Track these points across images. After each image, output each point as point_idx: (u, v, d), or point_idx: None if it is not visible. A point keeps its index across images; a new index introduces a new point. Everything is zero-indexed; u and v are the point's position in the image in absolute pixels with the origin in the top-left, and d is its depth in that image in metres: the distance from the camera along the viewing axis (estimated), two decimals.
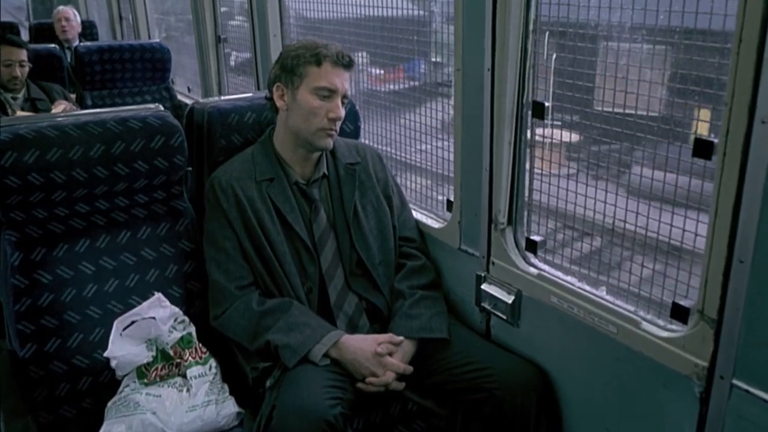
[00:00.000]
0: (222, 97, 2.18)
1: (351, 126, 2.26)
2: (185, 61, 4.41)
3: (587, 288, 1.67)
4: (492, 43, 1.71)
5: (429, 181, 2.28)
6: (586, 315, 1.62)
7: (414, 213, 2.18)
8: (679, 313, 1.46)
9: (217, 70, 3.65)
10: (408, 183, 2.35)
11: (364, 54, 2.47)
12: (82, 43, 4.14)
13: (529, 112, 1.73)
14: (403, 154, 2.39)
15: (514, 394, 1.72)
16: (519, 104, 1.73)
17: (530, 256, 1.83)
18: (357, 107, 2.30)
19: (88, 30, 5.39)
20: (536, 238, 1.81)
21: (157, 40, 4.31)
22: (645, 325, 1.50)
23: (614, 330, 1.56)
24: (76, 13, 5.12)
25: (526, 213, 1.83)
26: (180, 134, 1.96)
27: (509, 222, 1.84)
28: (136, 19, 4.82)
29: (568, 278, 1.72)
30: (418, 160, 2.32)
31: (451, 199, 2.10)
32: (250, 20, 2.97)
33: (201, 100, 2.14)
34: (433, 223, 2.15)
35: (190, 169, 2.18)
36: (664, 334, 1.46)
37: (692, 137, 1.34)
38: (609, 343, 1.58)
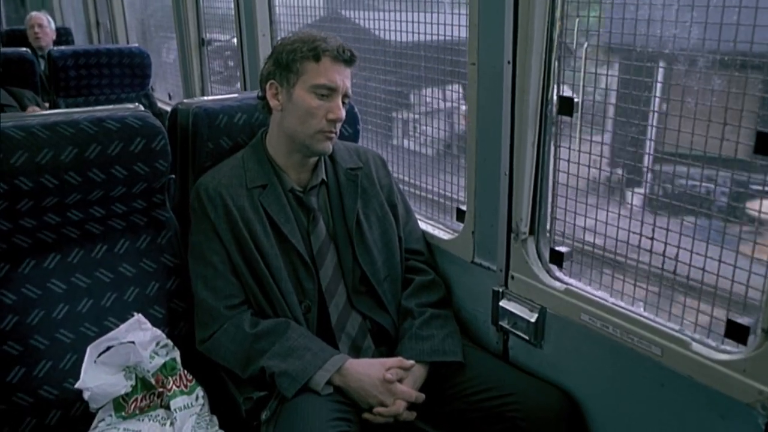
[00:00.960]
0: (209, 97, 1.98)
1: (350, 129, 2.07)
2: (166, 66, 4.21)
3: (622, 304, 1.49)
4: (513, 33, 1.54)
5: None
6: (623, 335, 1.44)
7: (420, 223, 1.99)
8: (735, 332, 1.28)
9: (200, 75, 3.46)
10: None
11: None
12: (56, 47, 3.91)
13: (555, 109, 1.55)
14: None
15: (540, 424, 1.53)
16: (543, 100, 1.55)
17: (555, 269, 1.65)
18: (356, 109, 2.11)
19: (64, 37, 5.15)
20: (562, 249, 1.64)
21: (136, 45, 4.11)
22: (695, 346, 1.32)
23: (658, 351, 1.38)
24: (50, 20, 4.88)
25: (549, 221, 1.65)
26: (162, 136, 1.76)
27: (531, 232, 1.66)
28: (113, 24, 4.61)
29: (599, 293, 1.55)
30: None
31: (462, 207, 1.92)
32: (237, 19, 2.78)
33: (186, 100, 1.94)
34: (442, 233, 1.97)
35: (173, 176, 1.98)
36: (720, 356, 1.28)
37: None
38: (652, 367, 1.40)
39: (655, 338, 1.38)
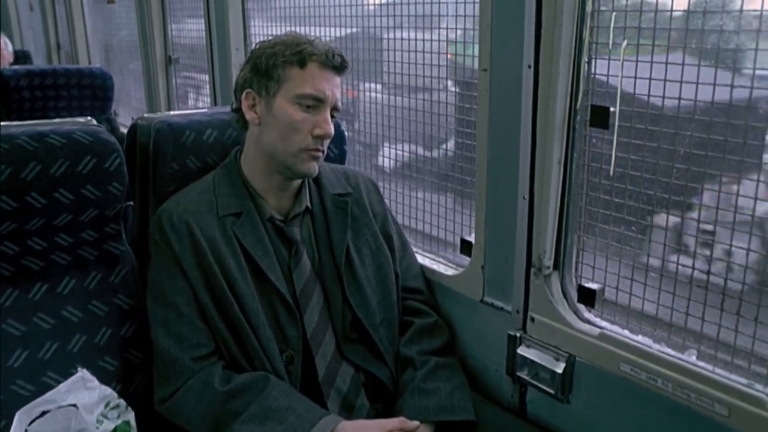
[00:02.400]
0: (174, 112, 1.71)
1: (335, 150, 1.82)
2: (130, 89, 3.93)
3: (671, 352, 1.24)
4: (536, 31, 1.31)
5: None
6: (676, 389, 1.19)
7: (417, 257, 1.74)
8: None
9: (166, 96, 3.18)
10: None
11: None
12: (8, 66, 3.60)
13: (586, 120, 1.32)
14: None
15: None
16: (571, 110, 1.32)
17: (584, 309, 1.40)
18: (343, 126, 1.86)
19: (22, 60, 4.84)
20: (593, 285, 1.39)
21: (98, 65, 3.82)
22: None
23: (724, 411, 1.13)
24: (8, 42, 4.57)
25: (576, 254, 1.41)
26: (118, 155, 1.49)
27: (555, 266, 1.41)
28: (74, 46, 4.31)
29: (640, 338, 1.30)
30: None
31: (468, 238, 1.67)
32: (207, 31, 2.53)
33: (147, 115, 1.67)
34: (444, 269, 1.71)
35: (131, 202, 1.71)
36: None
37: None
38: (715, 430, 1.15)
39: (719, 395, 1.14)
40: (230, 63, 2.45)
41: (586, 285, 1.39)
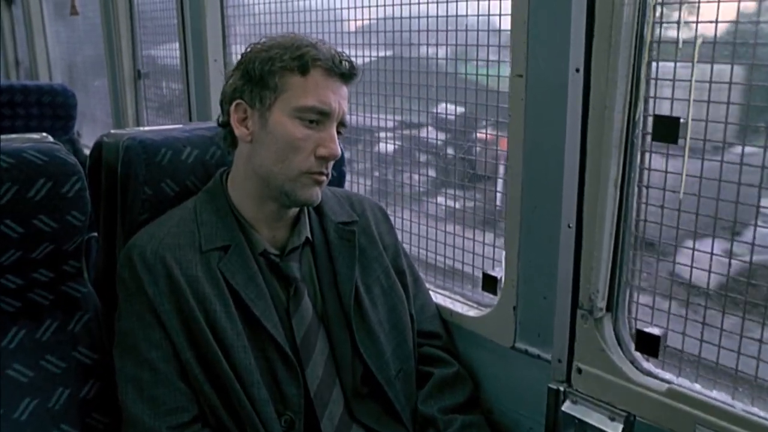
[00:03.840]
0: (148, 127, 1.46)
1: (334, 172, 1.56)
2: (96, 107, 3.64)
3: (761, 413, 1.02)
4: (587, 28, 1.09)
5: None
6: None
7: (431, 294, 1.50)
8: None
9: (135, 114, 2.91)
10: None
11: None
12: None
13: (648, 135, 1.11)
14: None
15: None
16: (629, 121, 1.11)
17: (643, 359, 1.18)
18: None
19: None
20: (655, 331, 1.16)
21: (59, 82, 3.53)
22: None
23: None
24: None
25: (635, 293, 1.19)
26: (78, 178, 1.24)
27: (608, 307, 1.19)
28: (34, 62, 4.01)
29: (716, 394, 1.08)
30: None
31: (492, 272, 1.44)
32: (182, 41, 2.28)
33: (114, 131, 1.41)
34: (464, 308, 1.47)
35: (95, 234, 1.45)
36: None
37: None
38: None
39: None
40: (207, 75, 2.21)
41: (648, 330, 1.17)
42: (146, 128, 1.45)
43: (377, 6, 1.64)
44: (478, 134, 1.49)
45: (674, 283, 1.14)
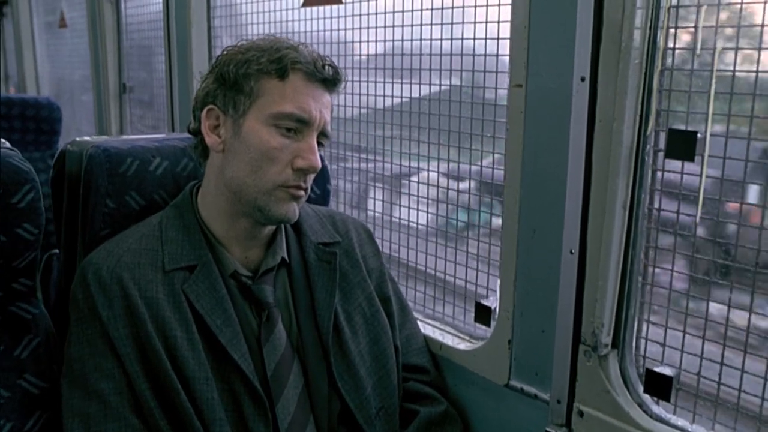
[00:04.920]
0: (116, 137, 1.34)
1: (317, 189, 1.47)
2: (82, 122, 3.53)
3: None
4: (594, 34, 0.99)
5: None
6: None
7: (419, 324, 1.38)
8: None
9: (119, 128, 2.81)
10: None
11: None
12: None
13: (660, 151, 1.00)
14: None
15: None
16: (639, 136, 1.00)
17: (653, 403, 1.05)
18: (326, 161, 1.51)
19: None
20: (665, 371, 1.04)
21: (46, 96, 3.43)
22: None
23: None
24: None
25: (643, 328, 1.07)
26: (32, 186, 1.12)
27: (614, 344, 1.07)
28: (22, 77, 3.92)
29: None
30: None
31: (486, 302, 1.32)
32: (167, 52, 2.18)
33: (79, 139, 1.30)
34: (454, 341, 1.35)
35: (56, 251, 1.34)
36: None
37: None
38: None
39: None
40: (191, 88, 2.11)
41: (657, 370, 1.04)
42: (114, 137, 1.34)
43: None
44: None
45: (688, 316, 1.01)
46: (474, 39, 1.30)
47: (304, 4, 1.68)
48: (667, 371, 1.04)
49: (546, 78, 1.07)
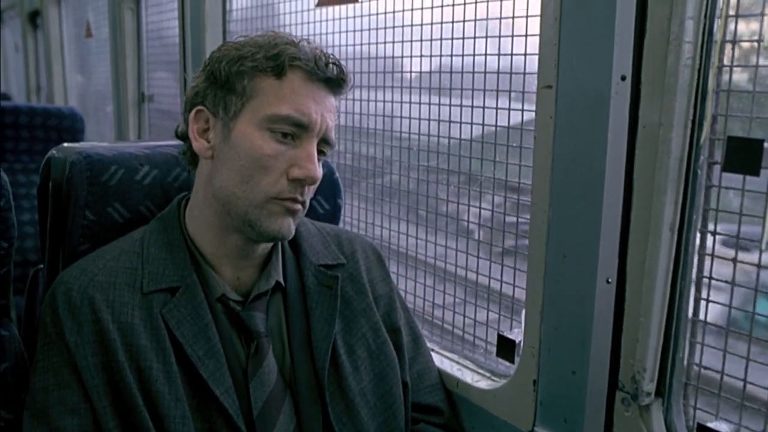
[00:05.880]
0: (103, 143, 1.23)
1: (326, 204, 1.33)
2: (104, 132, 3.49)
3: None
4: (637, 27, 0.84)
5: None
6: None
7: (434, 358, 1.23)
8: None
9: (137, 136, 2.74)
10: None
11: None
12: None
13: (716, 164, 0.84)
14: None
15: None
16: (691, 145, 0.84)
17: None
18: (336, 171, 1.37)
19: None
20: (720, 427, 0.87)
21: (70, 105, 3.39)
22: None
23: None
24: None
25: (694, 374, 0.90)
26: (2, 196, 1.01)
27: (659, 392, 0.90)
28: (51, 87, 3.91)
29: None
30: None
31: (510, 335, 1.17)
32: (182, 58, 2.09)
33: (67, 145, 1.20)
34: (473, 378, 1.19)
35: (41, 266, 1.24)
36: None
37: None
38: None
39: None
40: None
41: (710, 425, 0.87)
42: (104, 144, 1.23)
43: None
44: None
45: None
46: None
47: (319, 4, 1.57)
48: (723, 428, 0.87)
49: (580, 77, 0.92)
